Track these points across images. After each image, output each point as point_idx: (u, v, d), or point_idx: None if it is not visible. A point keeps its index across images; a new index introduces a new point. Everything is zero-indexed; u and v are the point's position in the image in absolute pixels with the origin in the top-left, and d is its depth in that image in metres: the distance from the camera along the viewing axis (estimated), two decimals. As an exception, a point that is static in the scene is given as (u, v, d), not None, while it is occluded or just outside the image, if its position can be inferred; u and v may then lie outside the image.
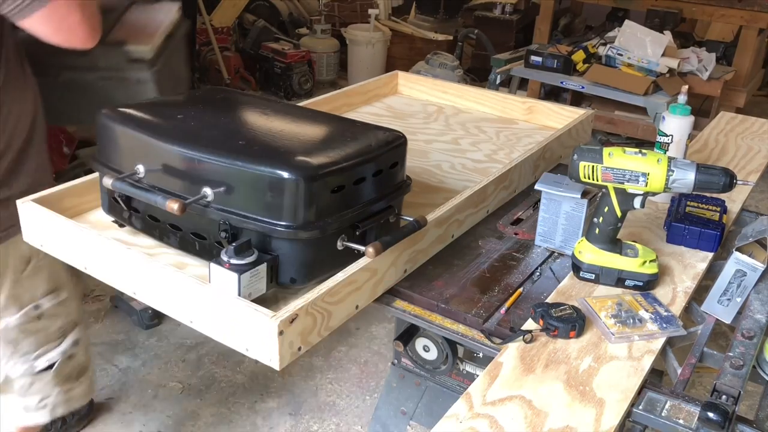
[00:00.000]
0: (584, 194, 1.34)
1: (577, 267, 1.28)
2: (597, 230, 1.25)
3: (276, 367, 1.02)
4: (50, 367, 1.77)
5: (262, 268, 1.08)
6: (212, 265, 1.08)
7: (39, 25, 1.34)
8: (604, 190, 1.22)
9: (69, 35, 1.39)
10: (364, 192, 1.17)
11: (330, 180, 1.10)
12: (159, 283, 1.14)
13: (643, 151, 1.19)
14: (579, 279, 1.28)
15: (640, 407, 1.02)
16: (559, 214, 1.37)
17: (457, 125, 1.98)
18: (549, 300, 1.23)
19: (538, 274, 1.34)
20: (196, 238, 1.19)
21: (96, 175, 1.35)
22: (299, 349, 1.05)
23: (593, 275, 1.27)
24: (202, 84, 5.08)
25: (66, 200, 1.36)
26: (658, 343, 1.13)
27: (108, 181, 1.19)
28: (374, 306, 1.24)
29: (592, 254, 1.26)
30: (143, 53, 1.71)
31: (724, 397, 1.02)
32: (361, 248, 1.13)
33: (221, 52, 5.08)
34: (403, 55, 5.87)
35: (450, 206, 1.34)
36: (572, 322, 1.12)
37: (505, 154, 1.76)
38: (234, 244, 1.06)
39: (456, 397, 1.00)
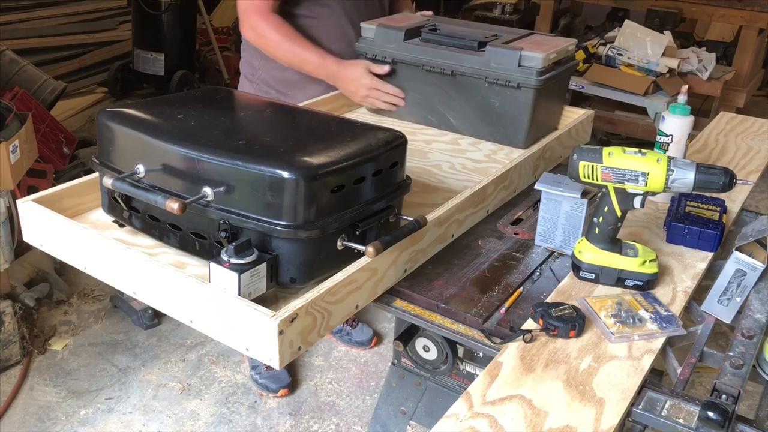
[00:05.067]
0: (584, 194, 1.34)
1: (577, 267, 1.28)
2: (597, 230, 1.25)
3: (276, 366, 1.03)
4: None
5: (262, 267, 1.08)
6: (212, 264, 1.08)
7: None
8: (603, 189, 1.22)
9: None
10: (364, 192, 1.17)
11: (330, 180, 1.10)
12: (159, 282, 1.14)
13: (643, 150, 1.19)
14: (579, 279, 1.28)
15: (640, 407, 1.02)
16: (559, 214, 1.37)
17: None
18: (549, 300, 1.23)
19: (538, 273, 1.34)
20: (196, 238, 1.19)
21: (96, 175, 1.35)
22: (299, 348, 1.05)
23: (593, 275, 1.27)
24: (202, 84, 5.08)
25: (66, 200, 1.36)
26: (658, 343, 1.13)
27: (108, 181, 1.19)
28: (374, 306, 1.24)
29: (592, 254, 1.26)
30: None
31: (723, 396, 1.02)
32: (361, 248, 1.13)
33: (221, 52, 5.08)
34: (403, 55, 5.85)
35: (450, 206, 1.34)
36: (572, 322, 1.12)
37: (505, 154, 1.76)
38: (234, 243, 1.06)
39: (456, 397, 1.00)
